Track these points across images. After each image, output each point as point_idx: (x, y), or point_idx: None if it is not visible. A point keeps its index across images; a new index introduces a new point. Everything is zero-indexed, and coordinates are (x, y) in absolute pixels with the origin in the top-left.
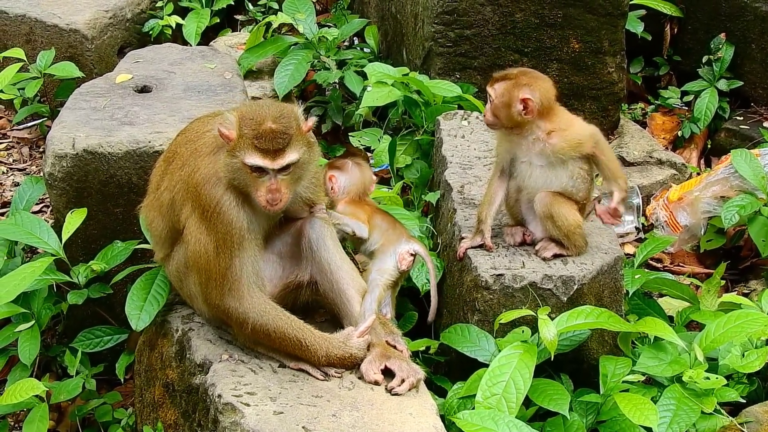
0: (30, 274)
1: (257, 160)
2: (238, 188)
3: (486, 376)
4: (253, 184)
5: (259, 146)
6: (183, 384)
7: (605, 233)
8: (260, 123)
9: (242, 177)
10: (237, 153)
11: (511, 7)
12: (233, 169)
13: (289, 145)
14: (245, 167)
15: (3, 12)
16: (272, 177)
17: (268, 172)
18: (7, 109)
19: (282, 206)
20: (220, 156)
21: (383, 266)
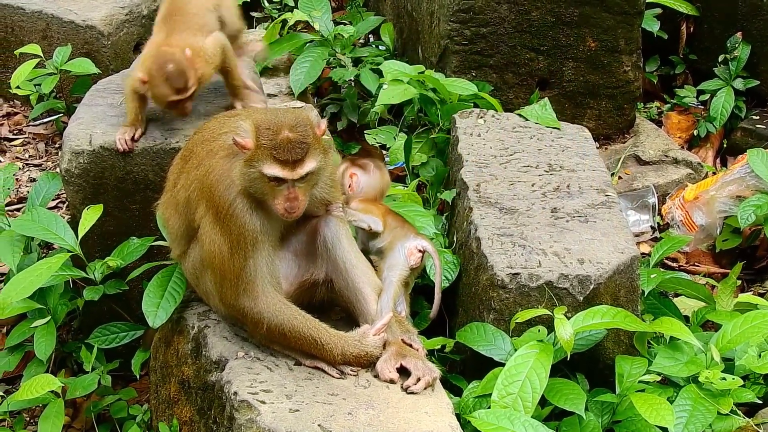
0: (46, 270)
1: (276, 171)
2: (254, 195)
3: (502, 375)
4: (270, 192)
5: (277, 157)
6: (199, 381)
7: (621, 233)
8: (277, 133)
9: (259, 186)
10: (254, 163)
11: (527, 6)
12: (250, 178)
13: (308, 155)
14: (263, 177)
15: (20, 8)
16: (290, 186)
17: (287, 182)
18: (23, 105)
19: (299, 213)
20: (235, 161)
21: (393, 261)
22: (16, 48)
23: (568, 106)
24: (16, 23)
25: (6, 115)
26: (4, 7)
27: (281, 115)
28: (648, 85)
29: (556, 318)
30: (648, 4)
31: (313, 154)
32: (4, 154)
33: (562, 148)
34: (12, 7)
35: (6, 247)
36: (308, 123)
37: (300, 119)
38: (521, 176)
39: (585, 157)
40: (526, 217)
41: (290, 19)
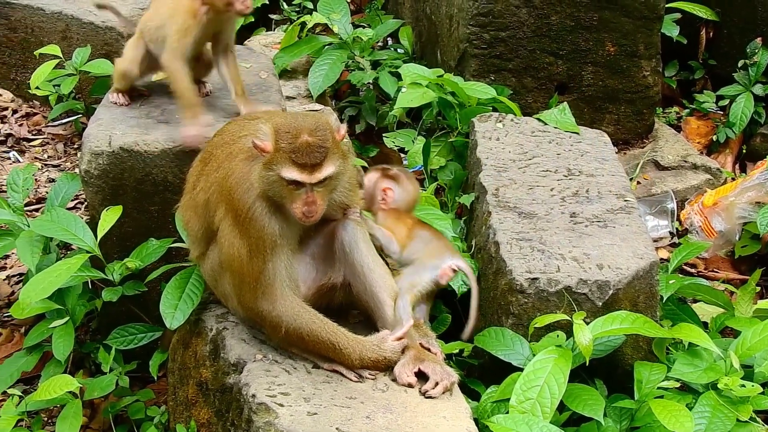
0: (65, 271)
1: (295, 174)
2: (272, 199)
3: (520, 380)
4: (288, 196)
5: (296, 160)
6: (217, 383)
7: (641, 238)
8: (297, 136)
9: (278, 189)
10: (273, 166)
11: (547, 10)
12: (269, 181)
13: (326, 159)
14: (282, 180)
15: (39, 9)
16: (308, 190)
17: (305, 186)
18: (42, 106)
19: (317, 218)
20: (255, 164)
21: (417, 279)
22: (35, 48)
23: (587, 111)
24: (36, 24)
25: (25, 115)
26: (24, 8)
27: (301, 119)
28: (667, 90)
29: (575, 323)
30: (667, 9)
31: (331, 159)
32: (23, 154)
33: (581, 153)
34: (32, 7)
35: (25, 248)
36: (328, 127)
37: (320, 123)
38: (540, 181)
39: (604, 161)
40: (545, 222)
41: (309, 21)
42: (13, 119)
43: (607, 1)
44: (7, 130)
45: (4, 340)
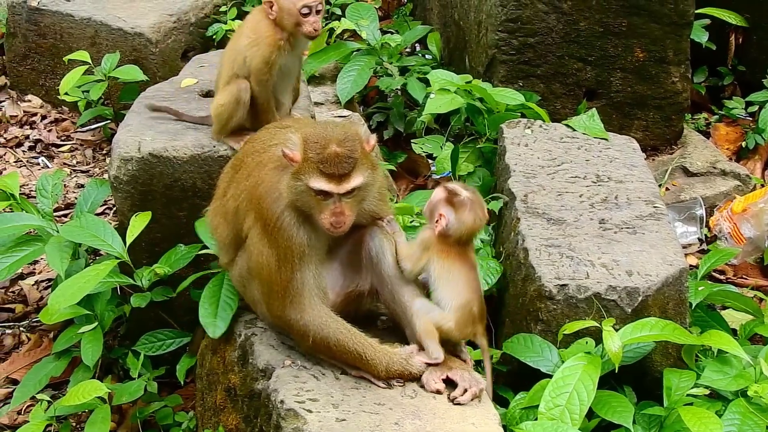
0: (94, 277)
1: (322, 185)
2: (301, 209)
3: (549, 387)
4: (317, 206)
5: (324, 170)
6: (245, 389)
7: (670, 245)
8: (325, 147)
9: (306, 199)
10: (301, 176)
11: (576, 16)
12: (297, 191)
13: (355, 169)
14: (309, 190)
15: (69, 15)
16: (336, 200)
17: (333, 196)
18: (71, 111)
19: (345, 228)
20: (284, 174)
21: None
22: (64, 54)
23: (616, 117)
24: (65, 30)
25: (54, 121)
26: (53, 14)
27: (330, 129)
28: (696, 96)
29: (605, 330)
30: (697, 15)
31: (360, 170)
32: (52, 160)
33: (609, 159)
34: (61, 14)
35: (55, 253)
36: (357, 138)
37: (349, 134)
38: (569, 187)
39: (633, 168)
40: (573, 228)
41: (337, 27)
42: (42, 125)
43: (636, 7)
44: (36, 135)
45: (33, 346)
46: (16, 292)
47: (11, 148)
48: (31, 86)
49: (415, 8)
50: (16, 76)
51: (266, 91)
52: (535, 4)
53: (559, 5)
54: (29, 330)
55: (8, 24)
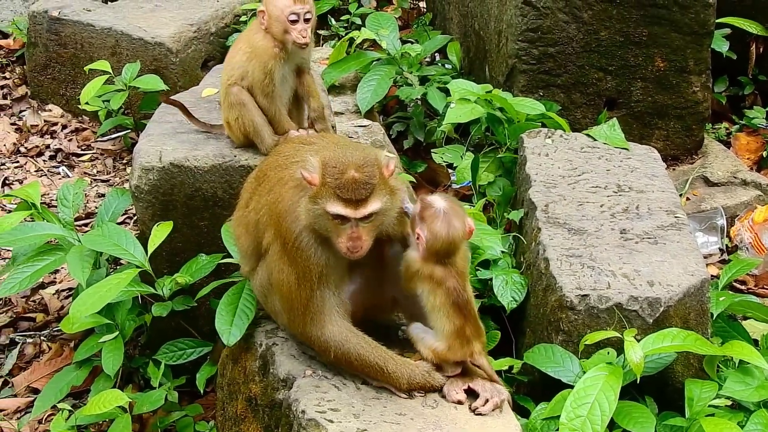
0: (116, 286)
1: (339, 209)
2: (318, 231)
3: (571, 398)
4: (334, 230)
5: (341, 195)
6: (266, 398)
7: (692, 255)
8: (343, 172)
9: (323, 223)
10: (319, 200)
11: (596, 25)
12: (314, 214)
13: (372, 195)
14: (326, 214)
15: (90, 25)
16: (353, 225)
17: (350, 221)
18: (91, 121)
19: (363, 253)
20: (303, 194)
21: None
22: (85, 64)
23: (636, 127)
24: (86, 40)
25: (75, 130)
26: (74, 24)
27: (350, 153)
28: (716, 105)
29: (626, 340)
30: (717, 24)
31: (378, 195)
32: (72, 169)
33: (630, 169)
34: (82, 23)
35: (76, 262)
36: (376, 163)
37: (368, 159)
38: (590, 197)
39: (654, 178)
40: (595, 238)
41: (357, 37)
42: (62, 134)
43: (657, 16)
44: (57, 145)
45: (54, 355)
46: (37, 301)
47: (32, 158)
48: (51, 96)
49: (435, 18)
50: (36, 85)
51: (273, 101)
52: (555, 14)
53: (580, 15)
54: (50, 339)
55: (29, 34)
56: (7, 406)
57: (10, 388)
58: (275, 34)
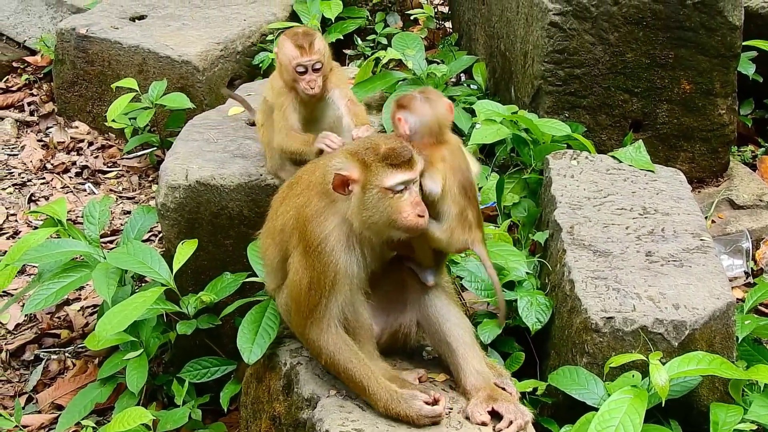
0: (141, 304)
1: (399, 176)
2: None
3: (595, 420)
4: (395, 209)
5: (393, 162)
6: (290, 418)
7: (717, 278)
8: (378, 144)
9: (384, 210)
10: (371, 185)
11: (622, 47)
12: (373, 204)
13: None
14: (386, 192)
15: (117, 43)
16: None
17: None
18: (117, 138)
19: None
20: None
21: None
22: (112, 82)
23: (662, 149)
24: (113, 57)
25: (101, 147)
26: (101, 42)
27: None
28: (742, 128)
29: (652, 363)
30: (744, 47)
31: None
32: (98, 186)
33: (656, 191)
34: (109, 41)
35: (101, 280)
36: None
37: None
38: (615, 219)
39: (680, 200)
40: (620, 261)
41: (384, 57)
42: (89, 151)
43: (683, 39)
44: (83, 162)
45: (78, 371)
46: (62, 317)
47: (58, 174)
48: (78, 113)
49: (461, 38)
50: (63, 102)
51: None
52: (581, 35)
53: (606, 37)
54: (75, 356)
55: (57, 51)
56: (32, 422)
57: (34, 404)
58: (286, 81)
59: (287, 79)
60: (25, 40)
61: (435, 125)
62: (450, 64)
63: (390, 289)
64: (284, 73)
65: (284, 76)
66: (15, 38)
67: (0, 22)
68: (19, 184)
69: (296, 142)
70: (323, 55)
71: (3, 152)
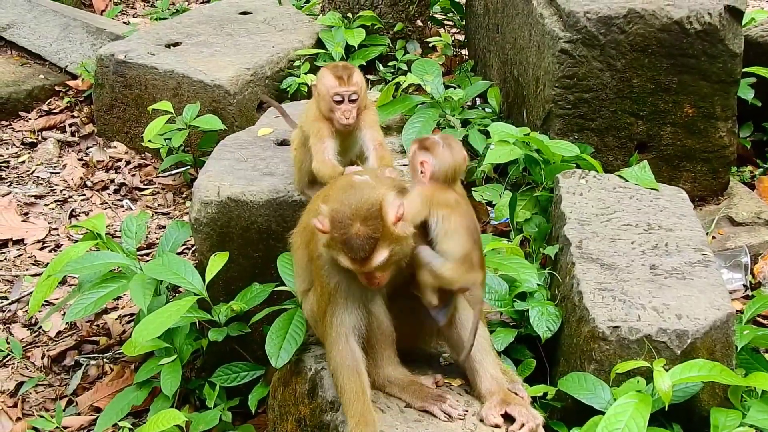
0: (175, 312)
1: (347, 263)
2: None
3: (602, 423)
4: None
5: (347, 253)
6: (314, 420)
7: (718, 290)
8: (348, 227)
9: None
10: (330, 249)
11: (629, 73)
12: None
13: (376, 249)
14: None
15: (153, 68)
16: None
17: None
18: (153, 157)
19: (383, 284)
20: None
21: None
22: (149, 104)
23: (665, 169)
24: (150, 82)
25: (138, 166)
26: (139, 67)
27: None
28: (742, 150)
29: (655, 370)
30: (743, 73)
31: (382, 248)
32: (135, 202)
33: (660, 209)
34: (146, 66)
35: (138, 290)
36: (380, 214)
37: (372, 211)
38: (621, 234)
39: (682, 217)
40: (626, 273)
41: (404, 82)
42: (126, 170)
43: (686, 66)
44: (121, 179)
45: (116, 376)
46: (101, 325)
47: (98, 191)
48: (116, 134)
49: (477, 65)
50: (103, 124)
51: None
52: (590, 62)
53: (614, 63)
54: (112, 361)
55: (96, 75)
56: (72, 423)
57: (74, 406)
58: (323, 111)
59: (324, 109)
60: (67, 65)
61: (451, 171)
62: (466, 89)
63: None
64: (321, 103)
65: (321, 106)
66: (57, 63)
67: (43, 49)
68: (60, 200)
69: (327, 169)
70: (360, 88)
71: (46, 170)
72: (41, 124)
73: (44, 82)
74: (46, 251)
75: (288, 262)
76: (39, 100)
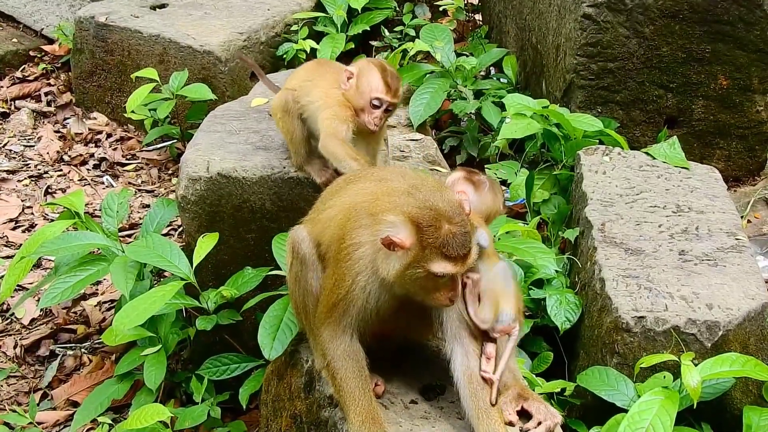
0: (160, 298)
1: (448, 268)
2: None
3: (625, 422)
4: (432, 287)
5: (448, 254)
6: (311, 416)
7: (752, 278)
8: (439, 228)
9: (421, 284)
10: (420, 263)
11: (658, 41)
12: (412, 278)
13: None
14: (430, 275)
15: (137, 32)
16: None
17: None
18: (137, 130)
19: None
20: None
21: None
22: (132, 72)
23: (697, 146)
24: (133, 47)
25: (119, 139)
26: (121, 31)
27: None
28: None
29: (683, 364)
30: None
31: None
32: (116, 179)
33: (690, 189)
34: (129, 30)
35: (119, 273)
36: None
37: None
38: (648, 216)
39: (715, 198)
40: (652, 259)
41: (411, 49)
42: (107, 143)
43: (721, 33)
44: (102, 154)
45: (95, 368)
46: (79, 312)
47: (76, 166)
48: (96, 103)
49: (491, 30)
50: (82, 93)
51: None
52: (616, 29)
53: (641, 30)
54: (91, 352)
55: (75, 40)
56: (47, 419)
57: (49, 400)
58: (353, 104)
59: (356, 104)
60: (43, 28)
61: (486, 213)
62: (479, 57)
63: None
64: (355, 95)
65: (353, 97)
66: (32, 26)
67: (17, 10)
68: (35, 176)
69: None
70: (400, 101)
71: (19, 143)
72: (14, 92)
73: (17, 46)
74: (19, 231)
75: (283, 243)
76: (12, 66)
